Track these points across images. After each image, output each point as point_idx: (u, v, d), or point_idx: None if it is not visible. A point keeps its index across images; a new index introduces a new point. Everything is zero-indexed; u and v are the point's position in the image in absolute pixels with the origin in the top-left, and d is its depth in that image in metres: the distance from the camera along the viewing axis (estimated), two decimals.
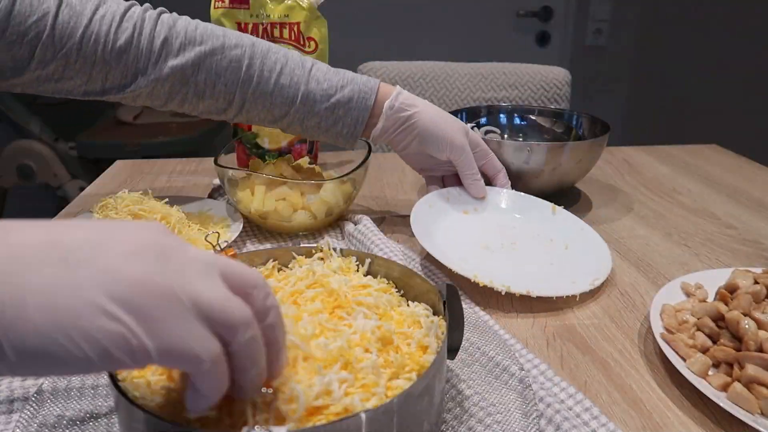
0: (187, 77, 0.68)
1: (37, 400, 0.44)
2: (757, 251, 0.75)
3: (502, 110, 1.03)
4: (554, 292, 0.61)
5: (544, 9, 2.34)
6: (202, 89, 0.69)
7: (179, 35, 0.68)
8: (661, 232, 0.80)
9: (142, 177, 1.01)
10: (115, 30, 0.66)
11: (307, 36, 0.91)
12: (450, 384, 0.47)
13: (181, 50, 0.68)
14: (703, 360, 0.49)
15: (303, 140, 0.95)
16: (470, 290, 0.64)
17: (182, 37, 0.68)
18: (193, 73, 0.68)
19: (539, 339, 0.56)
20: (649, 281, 0.67)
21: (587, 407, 0.45)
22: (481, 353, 0.51)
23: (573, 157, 0.81)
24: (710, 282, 0.60)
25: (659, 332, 0.52)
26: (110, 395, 0.45)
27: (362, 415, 0.31)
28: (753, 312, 0.51)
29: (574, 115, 0.98)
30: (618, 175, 1.04)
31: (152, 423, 0.31)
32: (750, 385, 0.45)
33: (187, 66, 0.68)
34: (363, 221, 0.75)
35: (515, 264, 0.68)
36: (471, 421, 0.43)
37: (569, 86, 1.46)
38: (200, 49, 0.68)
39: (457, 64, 1.46)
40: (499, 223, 0.76)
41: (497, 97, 1.45)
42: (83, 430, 0.42)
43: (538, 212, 0.78)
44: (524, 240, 0.73)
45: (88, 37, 0.65)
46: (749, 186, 0.98)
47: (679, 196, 0.93)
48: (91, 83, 0.68)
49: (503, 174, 0.80)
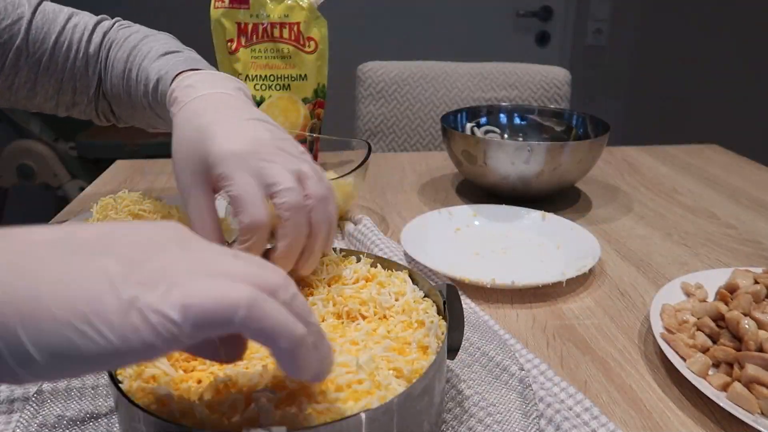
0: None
1: (37, 400, 0.44)
2: (757, 251, 0.75)
3: (502, 110, 1.03)
4: (540, 280, 0.62)
5: (544, 9, 2.34)
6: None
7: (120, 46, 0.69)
8: (661, 232, 0.80)
9: (142, 177, 1.01)
10: (87, 39, 0.69)
11: (307, 36, 0.92)
12: (450, 384, 0.47)
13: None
14: (703, 360, 0.49)
15: (302, 140, 0.96)
16: (471, 290, 0.64)
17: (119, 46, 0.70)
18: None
19: (539, 339, 0.56)
20: (649, 281, 0.67)
21: (587, 407, 0.45)
22: (481, 353, 0.51)
23: (573, 157, 0.81)
24: (710, 282, 0.60)
25: (659, 332, 0.52)
26: (110, 395, 0.45)
27: (362, 415, 0.31)
28: (753, 312, 0.51)
29: (574, 115, 0.98)
30: (618, 175, 1.04)
31: (152, 423, 0.31)
32: (750, 385, 0.45)
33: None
34: (363, 221, 0.75)
35: (505, 264, 0.70)
36: (471, 421, 0.43)
37: (569, 86, 1.46)
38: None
39: (457, 64, 1.46)
40: (491, 234, 0.77)
41: (497, 97, 1.45)
42: (83, 430, 0.42)
43: (529, 220, 0.79)
44: (515, 246, 0.74)
45: (61, 44, 0.68)
46: (749, 186, 0.98)
47: (679, 196, 0.93)
48: (62, 93, 0.70)
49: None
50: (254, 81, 0.94)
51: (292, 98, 0.95)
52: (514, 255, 0.72)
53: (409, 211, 0.87)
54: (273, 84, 0.94)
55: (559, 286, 0.65)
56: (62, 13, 0.69)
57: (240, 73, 0.94)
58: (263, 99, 0.95)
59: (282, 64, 0.93)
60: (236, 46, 0.92)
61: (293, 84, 0.94)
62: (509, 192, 0.86)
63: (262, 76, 0.94)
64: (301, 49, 0.92)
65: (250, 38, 0.92)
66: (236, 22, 0.90)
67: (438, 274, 0.64)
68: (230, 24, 0.91)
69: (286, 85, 0.94)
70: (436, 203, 0.90)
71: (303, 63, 0.93)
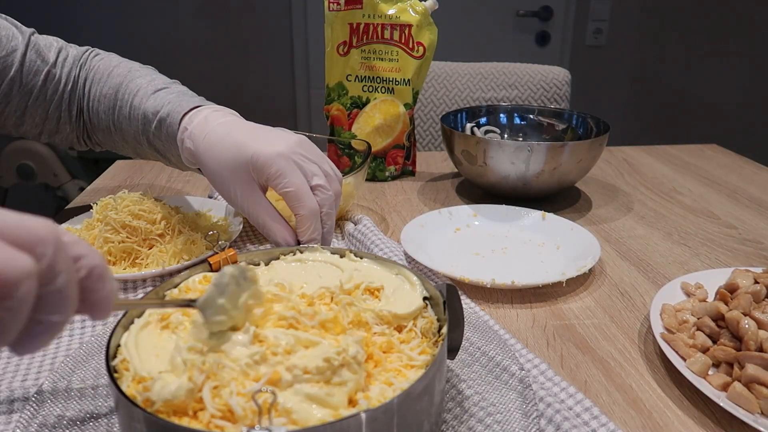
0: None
1: (37, 400, 0.44)
2: (757, 251, 0.75)
3: (502, 110, 1.03)
4: (540, 280, 0.62)
5: (544, 9, 2.34)
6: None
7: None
8: (661, 232, 0.80)
9: (142, 177, 1.01)
10: (74, 73, 0.73)
11: (416, 40, 0.93)
12: (450, 384, 0.47)
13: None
14: (703, 360, 0.49)
15: (399, 146, 0.98)
16: (471, 290, 0.64)
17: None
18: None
19: (539, 339, 0.56)
20: (649, 281, 0.67)
21: (587, 407, 0.45)
22: (481, 353, 0.51)
23: (573, 157, 0.81)
24: (710, 282, 0.60)
25: (659, 332, 0.52)
26: (110, 395, 0.45)
27: (362, 414, 0.31)
28: (753, 312, 0.51)
29: (574, 115, 0.98)
30: (618, 175, 1.04)
31: (152, 423, 0.31)
32: (750, 385, 0.45)
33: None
34: (363, 221, 0.75)
35: (505, 264, 0.70)
36: (471, 421, 0.43)
37: (569, 86, 1.46)
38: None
39: (457, 64, 1.46)
40: (491, 234, 0.77)
41: (497, 97, 1.45)
42: (83, 430, 0.42)
43: (529, 220, 0.79)
44: (515, 245, 0.74)
45: (52, 76, 0.72)
46: (749, 186, 0.98)
47: (679, 196, 0.93)
48: (48, 122, 0.74)
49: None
50: (362, 82, 0.95)
51: (395, 102, 0.96)
52: (514, 255, 0.72)
53: (409, 211, 0.87)
54: (379, 86, 0.95)
55: (559, 286, 0.65)
56: (53, 46, 0.73)
57: (349, 74, 0.95)
58: (368, 101, 0.96)
59: (388, 66, 0.94)
60: (348, 48, 0.94)
61: (396, 88, 0.95)
62: (509, 192, 0.86)
63: (369, 77, 0.95)
64: (409, 53, 0.93)
65: (361, 38, 0.93)
66: (348, 23, 0.92)
67: (438, 274, 0.64)
68: (343, 26, 0.93)
69: (390, 88, 0.95)
70: (436, 203, 0.90)
71: (408, 67, 0.94)
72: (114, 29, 2.24)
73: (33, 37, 0.71)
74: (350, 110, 0.97)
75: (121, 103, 0.69)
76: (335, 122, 0.98)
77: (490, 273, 0.65)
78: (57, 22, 2.21)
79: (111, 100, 0.71)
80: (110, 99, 0.71)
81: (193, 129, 0.62)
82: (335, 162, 0.95)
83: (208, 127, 0.61)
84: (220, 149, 0.58)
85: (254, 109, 2.33)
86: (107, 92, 0.71)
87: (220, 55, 2.30)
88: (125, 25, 2.24)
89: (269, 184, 0.56)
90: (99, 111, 0.72)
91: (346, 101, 0.96)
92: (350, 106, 0.97)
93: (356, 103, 0.96)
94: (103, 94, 0.71)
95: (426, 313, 0.43)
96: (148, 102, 0.67)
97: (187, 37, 2.27)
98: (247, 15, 2.26)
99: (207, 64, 2.30)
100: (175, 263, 0.63)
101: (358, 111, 0.96)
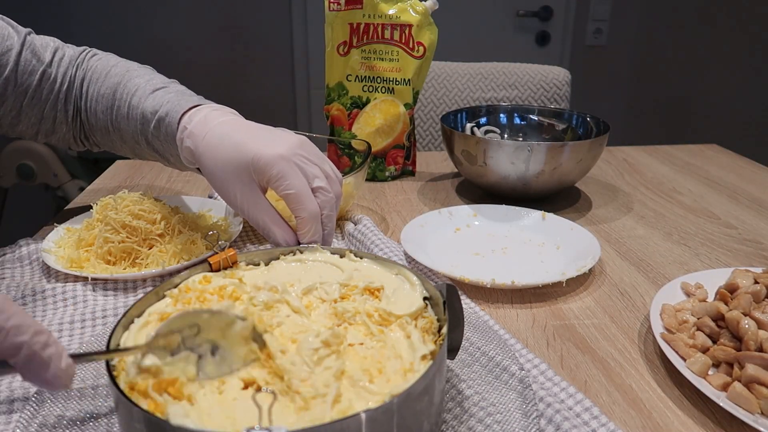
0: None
1: (37, 400, 0.44)
2: (757, 251, 0.75)
3: (502, 110, 1.03)
4: (540, 280, 0.62)
5: (544, 9, 2.34)
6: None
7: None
8: (661, 232, 0.80)
9: (142, 177, 1.01)
10: (69, 73, 0.73)
11: (417, 40, 0.93)
12: (450, 384, 0.47)
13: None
14: (703, 360, 0.49)
15: (399, 146, 0.98)
16: (471, 290, 0.64)
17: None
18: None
19: (539, 339, 0.56)
20: (649, 281, 0.67)
21: (587, 407, 0.45)
22: (481, 353, 0.51)
23: (573, 157, 0.81)
24: (710, 282, 0.60)
25: (659, 332, 0.52)
26: (110, 395, 0.45)
27: (362, 414, 0.31)
28: (753, 312, 0.51)
29: (574, 115, 0.98)
30: (618, 175, 1.04)
31: (152, 423, 0.31)
32: (750, 385, 0.45)
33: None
34: (363, 221, 0.75)
35: (505, 264, 0.70)
36: (471, 421, 0.43)
37: (569, 86, 1.46)
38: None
39: (457, 64, 1.46)
40: (491, 234, 0.77)
41: (497, 97, 1.45)
42: (83, 430, 0.42)
43: (529, 220, 0.79)
44: (515, 245, 0.74)
45: (48, 76, 0.72)
46: (749, 186, 0.98)
47: (679, 196, 0.93)
48: (44, 122, 0.74)
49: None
50: (362, 82, 0.95)
51: (395, 102, 0.96)
52: (514, 255, 0.72)
53: (409, 211, 0.87)
54: (379, 86, 0.95)
55: (559, 286, 0.65)
56: (49, 46, 0.73)
57: (350, 74, 0.95)
58: (368, 101, 0.96)
59: (388, 66, 0.94)
60: (348, 48, 0.94)
61: (397, 88, 0.95)
62: (509, 192, 0.86)
63: (369, 77, 0.95)
64: (409, 53, 0.93)
65: (361, 38, 0.93)
66: (348, 23, 0.92)
67: (438, 274, 0.64)
68: (343, 26, 0.93)
69: (390, 88, 0.95)
70: (436, 203, 0.90)
71: (408, 67, 0.94)
72: (113, 29, 2.24)
73: (29, 37, 0.71)
74: (350, 110, 0.97)
75: (119, 102, 0.69)
76: (335, 122, 0.98)
77: (490, 273, 0.65)
78: (54, 22, 2.20)
79: (109, 100, 0.70)
80: (108, 99, 0.70)
81: (192, 128, 0.61)
82: (335, 162, 0.95)
83: (207, 126, 0.60)
84: (220, 150, 0.58)
85: (254, 109, 2.33)
86: (105, 92, 0.71)
87: (220, 54, 2.30)
88: (124, 25, 2.24)
89: (270, 186, 0.56)
90: (97, 111, 0.72)
91: (346, 101, 0.97)
92: (350, 106, 0.97)
93: (356, 103, 0.96)
94: (101, 93, 0.71)
95: (426, 313, 0.43)
96: (147, 101, 0.66)
97: (186, 37, 2.27)
98: (247, 15, 2.25)
99: (207, 64, 2.30)
100: (175, 263, 0.64)
101: (358, 111, 0.96)
